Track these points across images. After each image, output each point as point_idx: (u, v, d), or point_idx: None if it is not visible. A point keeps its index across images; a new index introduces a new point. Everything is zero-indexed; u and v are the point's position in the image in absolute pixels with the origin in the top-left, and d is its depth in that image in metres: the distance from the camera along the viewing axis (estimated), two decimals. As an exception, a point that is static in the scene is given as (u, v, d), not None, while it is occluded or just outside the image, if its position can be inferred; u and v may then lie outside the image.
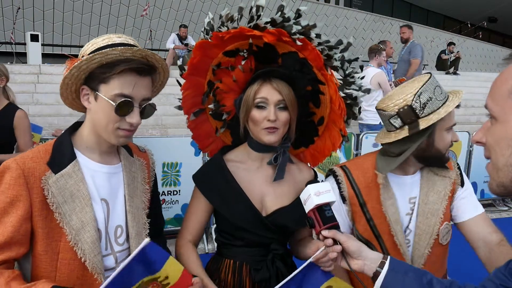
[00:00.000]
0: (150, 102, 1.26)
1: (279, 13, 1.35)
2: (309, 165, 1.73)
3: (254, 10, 1.36)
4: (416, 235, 1.54)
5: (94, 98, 1.21)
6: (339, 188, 1.60)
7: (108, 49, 1.16)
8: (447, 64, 13.52)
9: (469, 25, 21.44)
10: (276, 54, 1.45)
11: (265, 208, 1.51)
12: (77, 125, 1.32)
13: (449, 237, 1.60)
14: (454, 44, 14.17)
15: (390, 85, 5.98)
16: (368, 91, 1.52)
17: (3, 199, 1.14)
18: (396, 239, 1.54)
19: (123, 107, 1.19)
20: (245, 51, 1.46)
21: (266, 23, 1.34)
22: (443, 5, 25.11)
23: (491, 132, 0.85)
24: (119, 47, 1.17)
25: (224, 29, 1.40)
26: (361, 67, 1.56)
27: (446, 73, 12.97)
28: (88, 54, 1.18)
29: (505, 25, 26.61)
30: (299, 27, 1.34)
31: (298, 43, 1.33)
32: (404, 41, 6.81)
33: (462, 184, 1.62)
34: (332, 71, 1.45)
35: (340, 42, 1.43)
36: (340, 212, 1.60)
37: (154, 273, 1.10)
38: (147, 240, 1.02)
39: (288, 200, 1.53)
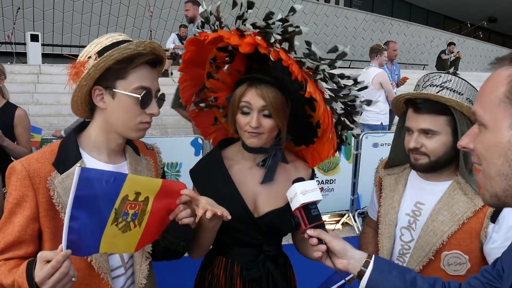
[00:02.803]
0: (160, 93, 1.30)
1: (265, 18, 1.27)
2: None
3: (245, 6, 1.31)
4: (414, 247, 1.47)
5: (110, 97, 1.22)
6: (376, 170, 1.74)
7: (125, 44, 1.19)
8: (447, 64, 13.51)
9: (469, 25, 21.44)
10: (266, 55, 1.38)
11: (258, 209, 1.50)
12: (84, 125, 1.32)
13: (462, 271, 1.40)
14: (454, 44, 14.16)
15: (392, 85, 5.98)
16: (369, 103, 1.48)
17: (10, 200, 1.17)
18: (380, 229, 1.55)
19: (145, 99, 1.22)
20: (228, 55, 1.43)
21: (251, 25, 1.28)
22: (443, 5, 25.11)
23: (480, 140, 0.82)
24: (134, 42, 1.21)
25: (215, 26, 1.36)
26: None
27: (446, 73, 12.95)
28: (97, 53, 1.20)
29: (505, 25, 26.61)
30: (278, 37, 1.25)
31: (271, 57, 1.24)
32: (190, 20, 5.66)
33: (494, 220, 1.35)
34: (318, 83, 1.35)
35: (335, 49, 1.31)
36: (373, 191, 1.71)
37: (118, 193, 1.05)
38: (77, 167, 0.97)
39: (282, 201, 1.49)
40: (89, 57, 1.21)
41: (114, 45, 1.20)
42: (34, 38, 10.58)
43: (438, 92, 1.38)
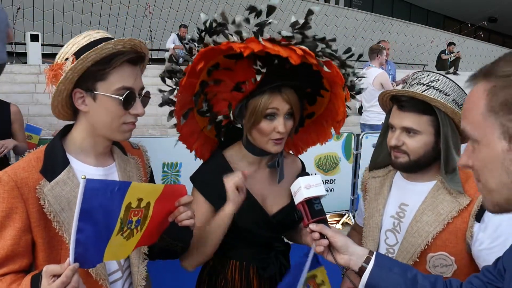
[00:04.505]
0: (145, 91, 1.26)
1: (298, 28, 1.26)
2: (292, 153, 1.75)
3: (264, 12, 1.26)
4: (399, 250, 1.45)
5: (92, 99, 1.17)
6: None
7: (102, 44, 1.13)
8: (447, 64, 13.52)
9: (469, 25, 21.44)
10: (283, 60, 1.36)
11: (268, 209, 1.52)
12: (67, 129, 1.28)
13: (448, 273, 1.37)
14: (454, 44, 14.17)
15: (393, 85, 5.97)
16: (359, 91, 1.52)
17: None
18: (364, 232, 1.55)
19: (128, 100, 1.18)
20: (259, 64, 1.36)
21: (286, 38, 1.25)
22: (443, 5, 25.09)
23: (476, 156, 0.83)
24: (112, 41, 1.15)
25: (234, 38, 1.28)
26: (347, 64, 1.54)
27: (446, 73, 12.97)
28: (74, 54, 1.14)
29: (505, 25, 26.59)
30: (324, 46, 1.28)
31: (326, 69, 1.27)
32: None
33: (479, 219, 1.32)
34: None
35: (349, 50, 1.39)
36: (360, 199, 1.72)
37: (121, 202, 1.03)
38: (82, 179, 0.94)
39: (288, 198, 1.55)
40: (66, 59, 1.15)
41: (91, 45, 1.14)
42: (34, 38, 10.57)
43: (424, 91, 1.37)
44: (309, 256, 1.26)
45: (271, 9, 1.25)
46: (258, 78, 1.35)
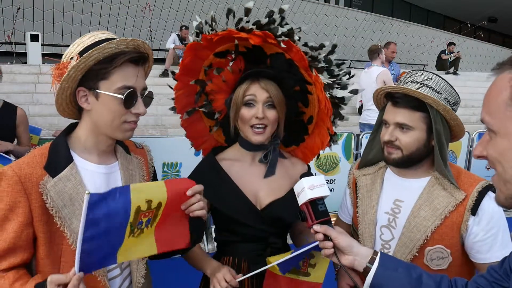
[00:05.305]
0: (147, 91, 1.28)
1: (267, 17, 1.38)
2: None
3: (243, 12, 1.39)
4: (397, 245, 1.47)
5: (94, 98, 1.20)
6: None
7: (105, 43, 1.15)
8: (447, 64, 13.52)
9: (469, 25, 21.43)
10: (264, 55, 1.50)
11: (260, 202, 1.55)
12: (72, 126, 1.30)
13: (444, 265, 1.41)
14: (454, 44, 14.16)
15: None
16: (355, 91, 1.52)
17: (2, 206, 1.13)
18: (360, 229, 1.56)
19: (129, 99, 1.19)
20: (233, 52, 1.50)
21: (253, 24, 1.38)
22: (443, 5, 25.11)
23: (492, 145, 0.81)
24: (115, 40, 1.17)
25: (213, 32, 1.44)
26: (348, 73, 1.59)
27: (446, 73, 12.97)
28: (78, 54, 1.17)
29: (505, 25, 26.60)
30: (285, 30, 1.36)
31: (282, 45, 1.36)
32: None
33: (474, 212, 1.39)
34: (317, 72, 1.46)
35: (322, 46, 1.45)
36: (346, 193, 1.72)
37: (129, 207, 1.04)
38: (86, 194, 0.95)
39: (282, 192, 1.57)
40: (71, 58, 1.18)
41: (96, 45, 1.16)
42: (34, 38, 10.56)
43: (417, 88, 1.42)
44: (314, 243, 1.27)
45: (247, 11, 1.39)
46: (231, 64, 1.50)
